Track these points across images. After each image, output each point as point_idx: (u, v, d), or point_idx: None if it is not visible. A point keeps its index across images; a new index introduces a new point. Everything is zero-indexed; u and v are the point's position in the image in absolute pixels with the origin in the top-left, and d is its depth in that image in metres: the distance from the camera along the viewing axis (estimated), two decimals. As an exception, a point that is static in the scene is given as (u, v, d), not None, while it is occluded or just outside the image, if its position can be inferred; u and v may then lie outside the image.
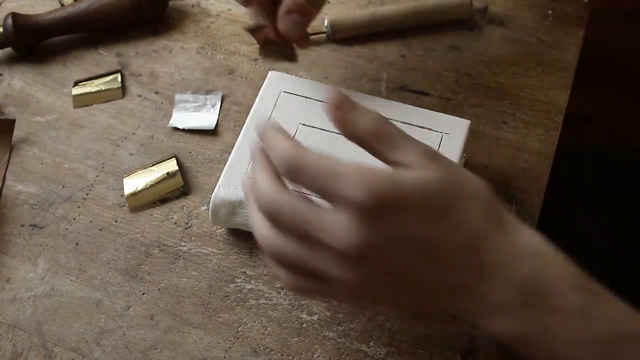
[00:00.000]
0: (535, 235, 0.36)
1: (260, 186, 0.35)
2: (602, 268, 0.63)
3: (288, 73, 0.52)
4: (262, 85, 0.52)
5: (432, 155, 0.36)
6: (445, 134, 0.46)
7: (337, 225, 0.33)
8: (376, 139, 0.36)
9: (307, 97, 0.47)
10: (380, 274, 0.35)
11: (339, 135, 0.44)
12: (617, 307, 0.34)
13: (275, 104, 0.47)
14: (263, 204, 0.35)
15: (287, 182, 0.36)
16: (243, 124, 0.54)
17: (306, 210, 0.34)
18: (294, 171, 0.35)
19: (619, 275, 0.59)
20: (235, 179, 0.46)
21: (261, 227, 0.36)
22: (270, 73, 0.49)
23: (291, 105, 0.47)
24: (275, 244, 0.36)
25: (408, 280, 0.36)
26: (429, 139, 0.45)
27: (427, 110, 0.47)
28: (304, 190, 0.35)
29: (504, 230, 0.35)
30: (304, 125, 0.46)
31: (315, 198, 0.35)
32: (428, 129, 0.46)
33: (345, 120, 0.36)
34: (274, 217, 0.35)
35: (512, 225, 0.36)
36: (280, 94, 0.47)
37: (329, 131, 0.46)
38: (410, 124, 0.46)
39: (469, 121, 0.46)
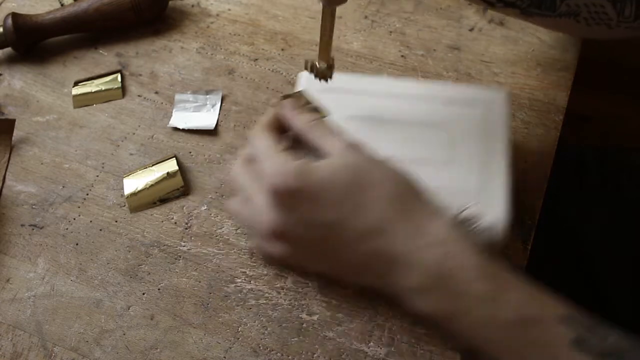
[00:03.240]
0: (445, 224, 0.39)
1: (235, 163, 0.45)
2: (602, 268, 0.63)
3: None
4: (263, 86, 0.52)
5: (354, 146, 0.41)
6: (488, 106, 0.47)
7: (259, 205, 0.41)
8: (311, 129, 0.42)
9: (343, 91, 0.48)
10: (300, 249, 0.41)
11: (386, 120, 0.47)
12: (521, 293, 0.37)
13: None
14: (229, 178, 0.45)
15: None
16: (243, 124, 0.54)
17: (247, 188, 0.42)
18: (249, 147, 0.43)
19: (620, 275, 0.59)
20: None
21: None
22: (300, 74, 0.49)
23: (331, 101, 0.47)
24: (232, 207, 0.45)
25: (326, 256, 0.41)
26: (475, 113, 0.46)
27: (464, 85, 0.48)
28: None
29: (411, 219, 0.38)
30: (350, 117, 0.46)
31: None
32: (470, 104, 0.47)
33: (292, 116, 0.44)
34: (232, 186, 0.45)
35: (421, 214, 0.39)
36: (317, 92, 0.48)
37: (374, 118, 0.47)
38: (453, 102, 0.47)
39: (507, 89, 0.48)
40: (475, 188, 0.44)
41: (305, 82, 0.49)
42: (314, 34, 0.60)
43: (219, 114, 0.55)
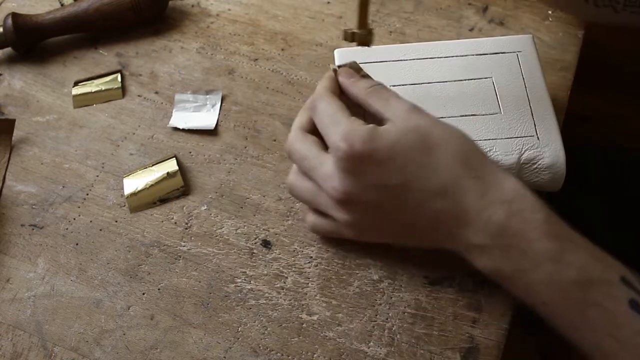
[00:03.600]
0: (511, 182, 0.39)
1: (290, 133, 0.43)
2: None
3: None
4: (263, 86, 0.51)
5: (415, 110, 0.41)
6: (519, 52, 0.49)
7: (327, 172, 0.40)
8: (371, 95, 0.42)
9: (383, 61, 0.50)
10: (367, 215, 0.41)
11: (428, 83, 0.48)
12: (584, 253, 0.37)
13: None
14: (285, 148, 0.44)
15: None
16: (243, 124, 0.54)
17: (311, 156, 0.41)
18: (311, 110, 0.43)
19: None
20: None
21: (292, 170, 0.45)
22: (337, 51, 0.51)
23: (371, 73, 0.48)
24: (292, 181, 0.44)
25: (395, 220, 0.41)
26: (508, 61, 0.49)
27: (489, 38, 0.50)
28: None
29: (479, 177, 0.39)
30: (394, 86, 0.47)
31: None
32: (502, 52, 0.49)
33: (350, 83, 0.44)
34: (290, 158, 0.43)
35: (487, 172, 0.39)
36: None
37: (416, 83, 0.48)
38: (485, 54, 0.49)
39: (531, 35, 0.50)
40: (528, 131, 0.46)
41: (340, 58, 0.50)
42: (314, 34, 0.60)
43: (219, 114, 0.55)
